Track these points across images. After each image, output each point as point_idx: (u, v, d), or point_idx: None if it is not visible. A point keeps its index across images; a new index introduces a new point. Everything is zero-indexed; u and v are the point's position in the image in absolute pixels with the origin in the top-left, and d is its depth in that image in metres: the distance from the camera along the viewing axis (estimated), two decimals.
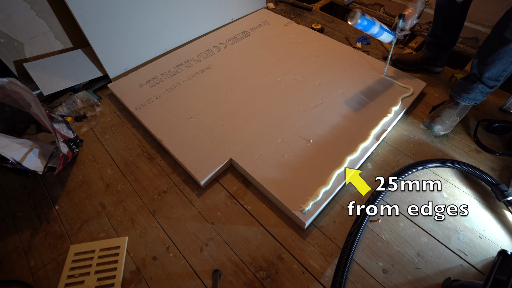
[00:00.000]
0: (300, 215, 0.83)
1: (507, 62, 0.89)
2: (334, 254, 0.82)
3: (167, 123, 1.10)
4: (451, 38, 1.20)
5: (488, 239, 0.83)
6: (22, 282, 0.79)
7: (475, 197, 0.92)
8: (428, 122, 1.08)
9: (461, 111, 1.08)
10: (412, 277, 0.77)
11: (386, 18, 1.77)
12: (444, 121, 1.05)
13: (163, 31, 1.38)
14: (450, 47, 1.23)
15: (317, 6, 1.91)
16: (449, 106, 1.08)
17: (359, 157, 0.97)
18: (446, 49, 1.24)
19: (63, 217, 0.92)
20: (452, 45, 1.23)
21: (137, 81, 1.28)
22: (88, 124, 1.18)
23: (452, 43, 1.22)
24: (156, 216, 0.91)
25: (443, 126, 1.06)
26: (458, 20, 1.14)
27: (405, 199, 0.92)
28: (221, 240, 0.85)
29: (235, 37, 1.50)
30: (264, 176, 0.93)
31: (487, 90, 0.99)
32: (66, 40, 1.27)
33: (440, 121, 1.05)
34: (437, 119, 1.06)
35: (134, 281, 0.79)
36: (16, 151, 0.85)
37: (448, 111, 1.07)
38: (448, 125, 1.06)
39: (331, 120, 1.09)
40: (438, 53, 1.25)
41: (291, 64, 1.33)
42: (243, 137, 1.04)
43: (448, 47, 1.23)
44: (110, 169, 1.04)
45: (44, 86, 1.18)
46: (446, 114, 1.06)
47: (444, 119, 1.06)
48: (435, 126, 1.05)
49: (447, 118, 1.06)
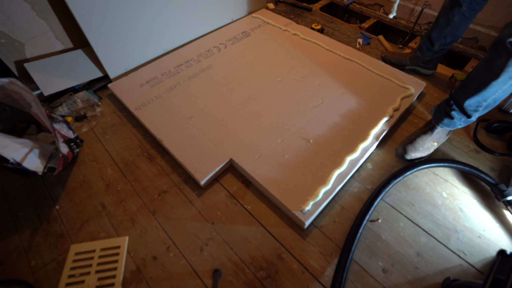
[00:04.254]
0: (300, 215, 0.84)
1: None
2: (334, 254, 0.82)
3: (167, 123, 1.10)
4: (442, 45, 1.18)
5: (487, 238, 0.83)
6: (23, 282, 0.80)
7: (474, 197, 0.92)
8: (400, 151, 1.01)
9: (437, 136, 1.01)
10: (411, 277, 0.77)
11: (386, 18, 1.77)
12: (417, 148, 0.99)
13: (163, 31, 1.38)
14: (438, 53, 1.22)
15: (317, 6, 1.91)
16: (423, 132, 1.02)
17: (359, 157, 0.97)
18: (434, 54, 1.23)
19: (63, 217, 0.92)
20: (441, 52, 1.22)
21: (137, 81, 1.28)
22: (88, 124, 1.18)
23: (442, 50, 1.21)
24: (156, 216, 0.91)
25: (416, 153, 0.99)
26: (455, 30, 1.12)
27: (405, 199, 0.93)
28: (221, 240, 0.85)
29: (235, 37, 1.51)
30: (264, 176, 0.93)
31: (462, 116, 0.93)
32: (66, 40, 1.27)
33: (412, 148, 0.99)
34: (409, 147, 0.99)
35: (134, 281, 0.79)
36: (16, 152, 0.85)
37: (423, 138, 1.00)
38: (422, 152, 0.99)
39: (331, 120, 1.09)
40: (426, 56, 1.25)
41: (291, 64, 1.33)
42: (243, 137, 1.04)
43: (436, 53, 1.22)
44: (110, 169, 1.04)
45: (44, 86, 1.18)
46: (420, 140, 1.00)
47: (418, 146, 0.99)
48: (406, 155, 1.00)
49: (420, 145, 0.99)
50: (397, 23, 1.75)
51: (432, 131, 1.00)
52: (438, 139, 1.01)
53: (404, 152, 1.00)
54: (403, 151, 1.01)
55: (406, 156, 1.00)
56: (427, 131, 1.01)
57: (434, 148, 1.02)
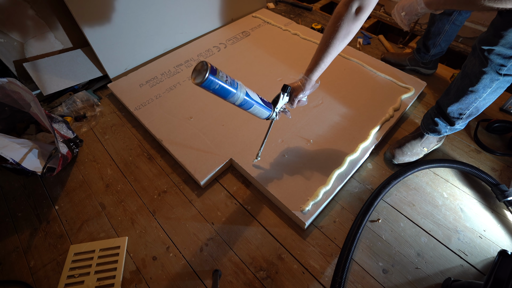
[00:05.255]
0: (300, 215, 0.83)
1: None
2: (334, 254, 0.82)
3: (167, 123, 1.10)
4: (439, 49, 1.19)
5: (488, 239, 0.83)
6: (22, 282, 0.79)
7: (475, 197, 0.92)
8: (388, 155, 1.01)
9: (427, 142, 0.99)
10: (412, 277, 0.77)
11: (387, 18, 1.77)
12: (406, 152, 0.98)
13: (163, 31, 1.38)
14: (437, 56, 1.23)
15: (317, 6, 1.91)
16: (413, 137, 1.00)
17: (359, 157, 0.97)
18: (432, 57, 1.24)
19: (63, 217, 0.92)
20: (439, 54, 1.22)
21: (137, 81, 1.28)
22: (88, 124, 1.18)
23: (440, 53, 1.21)
24: (156, 216, 0.91)
25: (404, 158, 0.98)
26: (447, 37, 1.12)
27: (405, 199, 0.92)
28: (221, 240, 0.85)
29: (235, 37, 1.50)
30: (264, 176, 0.93)
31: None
32: (66, 40, 1.27)
33: (400, 152, 0.98)
34: (397, 151, 0.98)
35: (134, 281, 0.79)
36: (16, 152, 0.85)
37: (412, 143, 0.99)
38: (411, 156, 0.98)
39: (331, 120, 1.09)
40: (424, 59, 1.25)
41: (291, 64, 1.33)
42: (243, 137, 1.04)
43: (434, 56, 1.23)
44: (110, 169, 1.04)
45: (44, 86, 1.18)
46: (409, 145, 0.98)
47: (406, 151, 0.98)
48: (394, 159, 0.99)
49: (409, 150, 0.98)
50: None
51: (422, 136, 0.99)
52: (428, 145, 1.00)
53: (392, 156, 0.99)
54: (391, 155, 1.00)
55: (394, 161, 0.99)
56: (417, 136, 1.00)
57: (424, 153, 1.00)
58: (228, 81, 0.63)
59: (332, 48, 0.70)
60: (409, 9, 0.93)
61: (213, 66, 0.59)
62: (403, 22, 0.99)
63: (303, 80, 0.76)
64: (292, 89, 0.78)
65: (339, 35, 0.68)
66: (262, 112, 0.77)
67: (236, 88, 0.66)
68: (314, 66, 0.73)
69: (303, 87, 0.77)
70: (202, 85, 0.59)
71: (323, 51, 0.71)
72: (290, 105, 0.81)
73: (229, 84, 0.64)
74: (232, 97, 0.67)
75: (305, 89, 0.77)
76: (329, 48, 0.70)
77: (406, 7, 0.94)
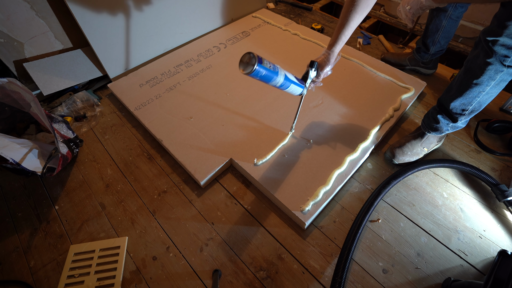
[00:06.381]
0: (300, 215, 0.83)
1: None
2: (334, 254, 0.82)
3: (167, 123, 1.10)
4: (438, 48, 1.19)
5: (488, 239, 0.83)
6: (22, 282, 0.79)
7: (475, 197, 0.92)
8: (389, 155, 1.00)
9: (427, 142, 1.00)
10: (412, 277, 0.77)
11: (386, 18, 1.77)
12: (406, 152, 0.98)
13: (163, 31, 1.38)
14: (437, 54, 1.23)
15: (317, 6, 1.91)
16: (413, 137, 1.00)
17: (359, 157, 0.97)
18: (432, 56, 1.24)
19: (63, 217, 0.92)
20: (439, 53, 1.22)
21: (137, 81, 1.28)
22: (88, 124, 1.18)
23: (440, 52, 1.22)
24: (156, 216, 0.91)
25: (404, 157, 0.98)
26: (446, 33, 1.13)
27: (405, 199, 0.92)
28: (221, 240, 0.85)
29: (235, 37, 1.50)
30: (264, 176, 0.93)
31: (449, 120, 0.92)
32: (66, 40, 1.27)
33: (400, 152, 0.98)
34: (397, 151, 0.98)
35: (134, 281, 0.79)
36: (16, 152, 0.85)
37: (412, 143, 0.99)
38: (411, 156, 0.98)
39: (331, 120, 1.09)
40: (424, 58, 1.26)
41: (291, 64, 1.33)
42: (243, 137, 1.04)
43: (434, 55, 1.23)
44: (110, 169, 1.04)
45: (44, 86, 1.18)
46: (409, 145, 0.99)
47: (406, 151, 0.98)
48: (394, 159, 0.99)
49: (409, 150, 0.98)
50: (397, 22, 1.75)
51: (422, 136, 0.99)
52: (428, 145, 1.00)
53: (392, 156, 0.99)
54: (391, 155, 0.99)
55: (394, 160, 0.99)
56: (417, 136, 1.00)
57: (424, 153, 1.00)
58: (271, 67, 0.71)
59: (352, 21, 0.76)
60: (414, 2, 0.98)
61: (259, 56, 0.67)
62: (407, 16, 1.03)
63: (327, 54, 0.83)
64: (318, 64, 0.84)
65: (358, 8, 0.73)
66: (297, 89, 0.85)
67: (278, 73, 0.73)
68: (335, 40, 0.80)
69: (327, 61, 0.84)
70: (251, 74, 0.67)
71: (343, 25, 0.77)
72: (317, 78, 0.87)
73: (272, 70, 0.71)
74: (274, 81, 0.74)
75: (330, 62, 0.84)
76: (349, 21, 0.76)
77: (412, 1, 0.98)
